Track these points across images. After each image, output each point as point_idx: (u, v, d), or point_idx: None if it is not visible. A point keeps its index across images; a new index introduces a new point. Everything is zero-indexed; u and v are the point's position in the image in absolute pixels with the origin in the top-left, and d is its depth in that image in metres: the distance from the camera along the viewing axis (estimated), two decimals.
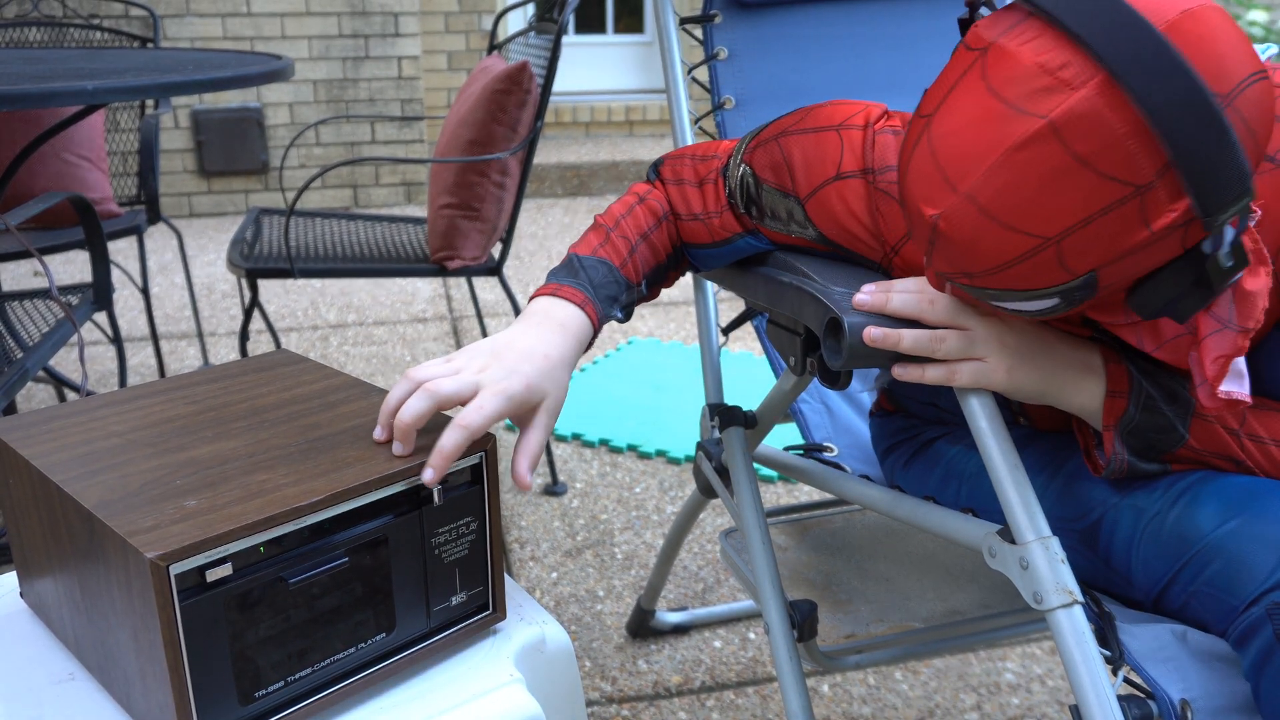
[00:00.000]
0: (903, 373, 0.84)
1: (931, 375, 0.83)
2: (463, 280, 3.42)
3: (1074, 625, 0.77)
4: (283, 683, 0.72)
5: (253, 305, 1.90)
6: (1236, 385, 0.80)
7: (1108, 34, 0.65)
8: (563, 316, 0.90)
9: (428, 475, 0.75)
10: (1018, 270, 0.71)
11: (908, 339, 0.82)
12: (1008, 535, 0.81)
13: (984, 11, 0.76)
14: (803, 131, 0.92)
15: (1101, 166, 0.65)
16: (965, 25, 0.77)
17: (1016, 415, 1.00)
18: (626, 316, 0.98)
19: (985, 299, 0.76)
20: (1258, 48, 0.74)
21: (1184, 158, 0.64)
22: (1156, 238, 0.68)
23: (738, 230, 0.99)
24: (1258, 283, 0.75)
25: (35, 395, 2.49)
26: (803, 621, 1.07)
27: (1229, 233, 0.68)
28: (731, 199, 0.98)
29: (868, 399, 1.36)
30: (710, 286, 1.33)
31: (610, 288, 0.94)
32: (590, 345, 0.93)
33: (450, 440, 0.76)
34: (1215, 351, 0.79)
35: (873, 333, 0.81)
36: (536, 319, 0.89)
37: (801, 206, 0.91)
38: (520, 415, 0.83)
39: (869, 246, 0.90)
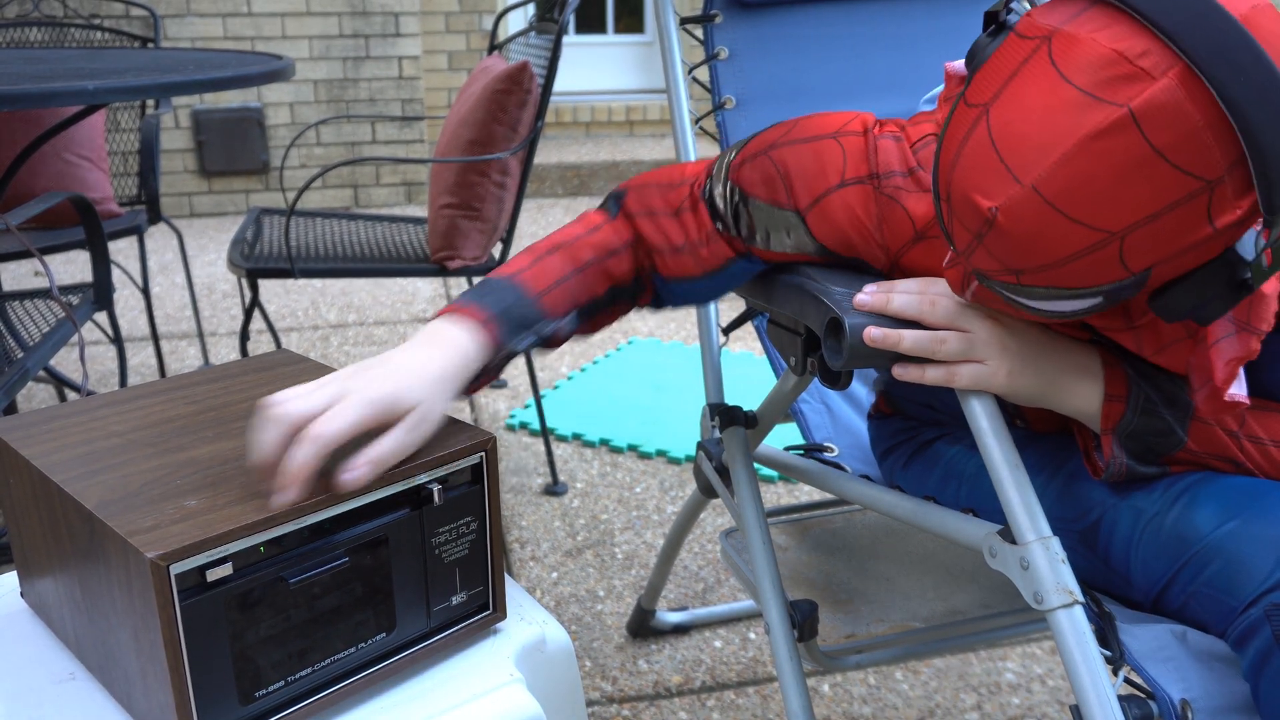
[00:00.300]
0: (903, 373, 0.84)
1: (931, 376, 0.83)
2: (463, 280, 3.42)
3: (1074, 625, 0.77)
4: (283, 682, 0.72)
5: (253, 305, 1.90)
6: (1236, 387, 0.81)
7: (1188, 23, 0.63)
8: (450, 335, 0.82)
9: (279, 499, 0.69)
10: (1074, 266, 0.69)
11: (908, 340, 0.82)
12: (1008, 535, 0.81)
13: (1017, 9, 0.74)
14: (795, 142, 0.89)
15: (1176, 159, 0.63)
16: (993, 18, 0.75)
17: (1013, 416, 1.00)
18: (550, 346, 0.90)
19: (1020, 298, 0.74)
20: None
21: (1257, 152, 0.63)
22: (1216, 235, 0.66)
23: (730, 255, 0.94)
24: (1271, 285, 0.75)
25: (36, 395, 2.49)
26: (803, 621, 1.07)
27: (1257, 236, 0.68)
28: (719, 222, 0.93)
29: (868, 399, 1.36)
30: None
31: (521, 313, 0.86)
32: (492, 371, 0.86)
33: (297, 455, 0.69)
34: (1228, 354, 0.79)
35: (873, 333, 0.81)
36: (421, 338, 0.82)
37: (801, 219, 0.89)
38: (385, 424, 0.75)
39: (872, 254, 0.88)
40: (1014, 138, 0.68)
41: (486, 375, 0.85)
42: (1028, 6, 0.73)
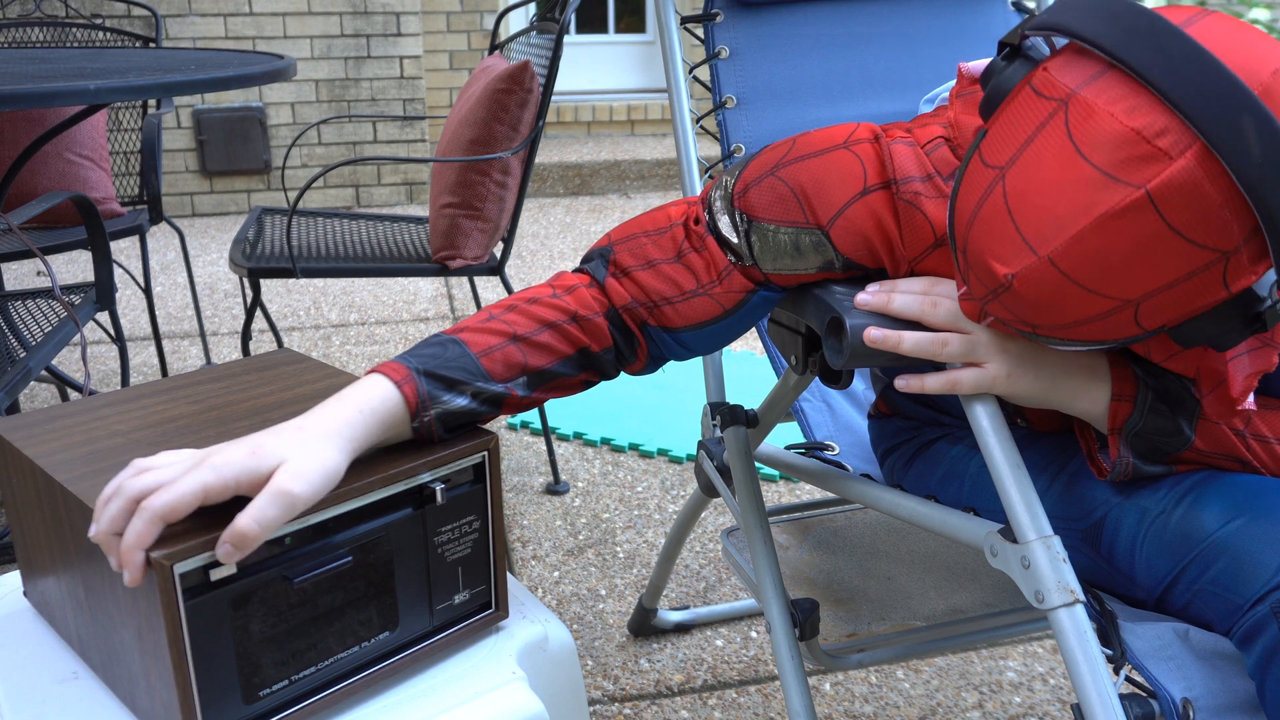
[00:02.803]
0: (904, 385, 0.84)
1: (932, 385, 0.83)
2: (464, 280, 3.42)
3: (1076, 624, 0.77)
4: (286, 681, 0.72)
5: (255, 305, 1.90)
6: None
7: (1205, 99, 0.62)
8: (355, 392, 0.77)
9: (125, 578, 0.65)
10: (1090, 327, 0.70)
11: (909, 341, 0.81)
12: (1009, 534, 0.81)
13: (1034, 40, 0.73)
14: (803, 158, 0.86)
15: (1194, 236, 0.64)
16: (1005, 46, 0.74)
17: (1014, 415, 1.00)
18: (495, 411, 0.83)
19: (1034, 338, 0.75)
20: None
21: (1274, 230, 0.63)
22: (1231, 297, 0.68)
23: (749, 287, 0.88)
24: None
25: (38, 395, 2.49)
26: (804, 620, 1.07)
27: (1274, 285, 0.69)
28: (731, 254, 0.88)
29: (869, 397, 1.36)
30: None
31: (457, 371, 0.81)
32: (427, 433, 0.80)
33: (130, 530, 0.65)
34: (1247, 369, 0.79)
35: (873, 334, 0.81)
36: (335, 394, 0.78)
37: (825, 235, 0.85)
38: (255, 486, 0.69)
39: (892, 262, 0.87)
40: (1030, 209, 0.68)
41: (424, 428, 0.80)
42: (1046, 51, 0.72)
